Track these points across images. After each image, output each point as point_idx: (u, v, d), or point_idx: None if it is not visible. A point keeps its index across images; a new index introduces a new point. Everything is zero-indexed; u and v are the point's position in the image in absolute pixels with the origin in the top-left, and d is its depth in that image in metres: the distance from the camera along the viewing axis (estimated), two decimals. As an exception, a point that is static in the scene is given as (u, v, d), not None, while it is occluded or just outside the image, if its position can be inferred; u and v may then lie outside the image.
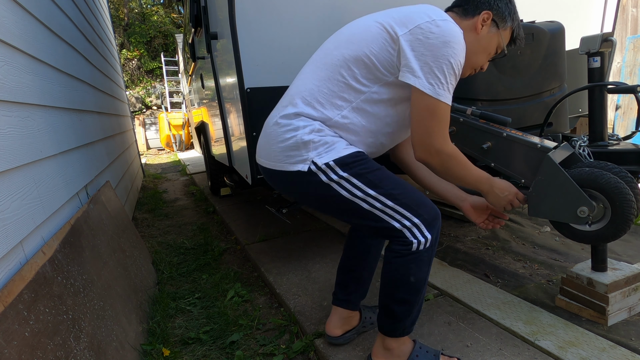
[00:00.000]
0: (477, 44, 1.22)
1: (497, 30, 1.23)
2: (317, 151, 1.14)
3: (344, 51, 1.15)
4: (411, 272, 1.15)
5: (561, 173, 1.27)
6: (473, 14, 1.21)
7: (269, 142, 1.24)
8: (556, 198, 1.29)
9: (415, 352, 1.30)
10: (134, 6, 13.72)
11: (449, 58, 1.06)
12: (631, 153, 1.39)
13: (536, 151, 1.35)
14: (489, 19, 1.21)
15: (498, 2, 1.21)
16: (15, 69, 1.48)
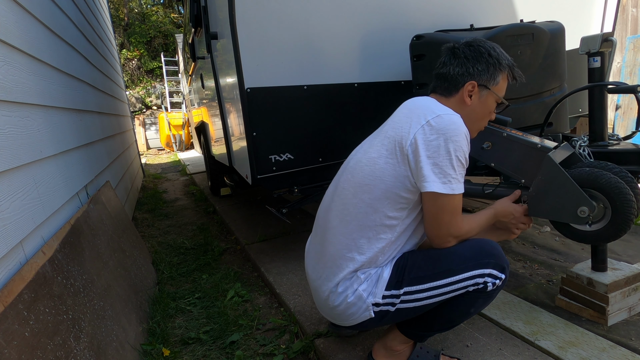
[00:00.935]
0: (472, 114, 1.22)
1: (488, 91, 1.20)
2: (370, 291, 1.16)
3: (363, 197, 1.16)
4: (476, 305, 1.16)
5: (561, 173, 1.27)
6: (456, 89, 1.20)
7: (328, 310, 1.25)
8: (556, 198, 1.29)
9: (415, 352, 1.31)
10: (134, 6, 13.72)
11: (454, 153, 1.07)
12: (631, 153, 1.39)
13: (536, 151, 1.35)
14: (475, 88, 1.19)
15: (477, 66, 1.18)
16: (15, 69, 1.48)
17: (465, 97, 1.20)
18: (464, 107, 1.21)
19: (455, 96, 1.21)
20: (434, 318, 1.20)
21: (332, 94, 1.98)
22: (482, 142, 1.47)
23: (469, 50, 1.21)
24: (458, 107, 1.20)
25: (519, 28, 1.73)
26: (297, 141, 1.95)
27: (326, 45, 1.94)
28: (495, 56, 1.19)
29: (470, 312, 1.17)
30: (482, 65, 1.18)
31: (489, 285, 1.12)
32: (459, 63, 1.20)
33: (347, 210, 1.19)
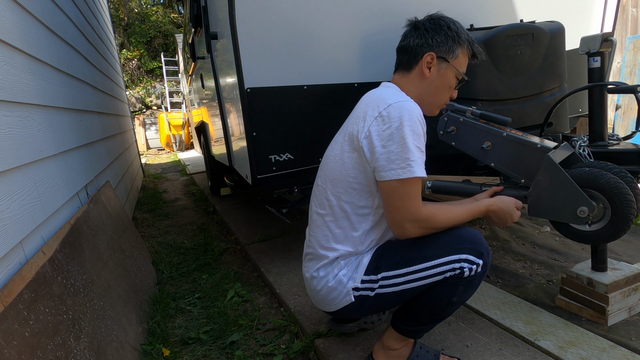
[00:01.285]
0: (431, 87, 1.23)
1: (447, 64, 1.21)
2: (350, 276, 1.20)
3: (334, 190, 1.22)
4: (457, 293, 1.15)
5: (561, 173, 1.27)
6: (416, 61, 1.22)
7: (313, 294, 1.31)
8: (556, 198, 1.29)
9: (415, 352, 1.31)
10: (134, 6, 13.72)
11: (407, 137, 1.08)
12: (631, 153, 1.39)
13: (536, 151, 1.35)
14: (434, 59, 1.20)
15: (435, 37, 1.20)
16: (15, 69, 1.48)
17: (424, 69, 1.21)
18: (423, 80, 1.22)
19: (415, 69, 1.23)
20: (420, 310, 1.21)
21: (332, 94, 1.98)
22: (482, 142, 1.47)
23: (429, 22, 1.23)
24: (418, 80, 1.23)
25: (519, 28, 1.73)
26: (297, 141, 1.95)
27: (326, 45, 1.94)
28: (455, 29, 1.21)
29: (453, 300, 1.16)
30: (441, 37, 1.19)
31: (466, 271, 1.12)
32: (419, 34, 1.22)
33: (322, 204, 1.26)
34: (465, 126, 1.51)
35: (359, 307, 1.21)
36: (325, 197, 1.25)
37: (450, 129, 1.53)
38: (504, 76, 1.75)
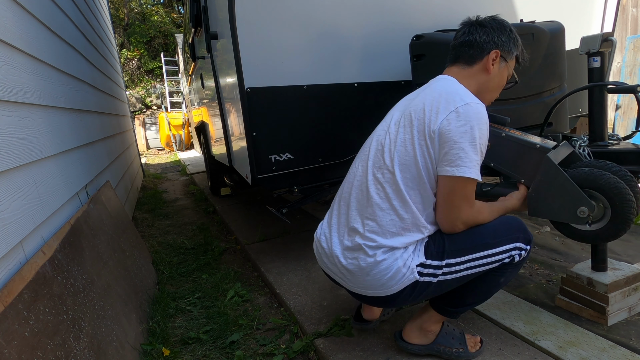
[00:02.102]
0: (491, 83, 1.28)
1: (505, 64, 1.28)
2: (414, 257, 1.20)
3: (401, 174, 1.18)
4: (505, 275, 1.24)
5: (561, 174, 1.27)
6: (481, 57, 1.25)
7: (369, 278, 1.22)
8: (556, 198, 1.29)
9: (444, 329, 1.39)
10: (134, 6, 13.71)
11: (479, 140, 1.12)
12: (631, 153, 1.39)
13: (535, 151, 1.35)
14: (498, 57, 1.25)
15: (501, 37, 1.25)
16: (15, 69, 1.48)
17: (489, 64, 1.25)
18: (485, 75, 1.26)
19: (478, 64, 1.26)
20: (468, 293, 1.27)
21: (332, 94, 1.98)
22: None
23: (494, 22, 1.29)
24: (480, 75, 1.26)
25: (519, 28, 1.72)
26: (297, 141, 1.95)
27: (326, 45, 1.94)
28: (515, 33, 1.29)
29: (500, 282, 1.25)
30: (505, 37, 1.26)
31: (516, 257, 1.22)
32: (486, 32, 1.26)
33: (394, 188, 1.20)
34: None
35: (420, 292, 1.22)
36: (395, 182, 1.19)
37: None
38: (504, 76, 1.74)
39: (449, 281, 1.21)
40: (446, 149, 1.12)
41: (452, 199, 1.16)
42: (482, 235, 1.21)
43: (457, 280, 1.21)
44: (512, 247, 1.21)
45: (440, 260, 1.19)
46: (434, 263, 1.19)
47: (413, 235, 1.20)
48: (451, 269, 1.20)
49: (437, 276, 1.20)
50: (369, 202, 1.22)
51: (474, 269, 1.20)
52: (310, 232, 2.79)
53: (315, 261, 2.28)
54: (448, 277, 1.20)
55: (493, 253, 1.19)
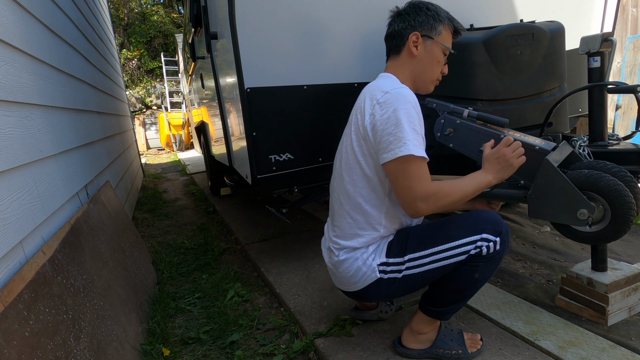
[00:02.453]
0: (421, 64, 1.32)
1: (432, 41, 1.30)
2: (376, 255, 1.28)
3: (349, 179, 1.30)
4: (479, 270, 1.22)
5: (560, 176, 1.27)
6: (403, 44, 1.32)
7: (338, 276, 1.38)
8: (556, 200, 1.29)
9: (441, 332, 1.39)
10: (134, 6, 13.71)
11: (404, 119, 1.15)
12: (631, 153, 1.39)
13: (535, 153, 1.35)
14: (419, 38, 1.29)
15: (417, 17, 1.30)
16: (15, 69, 1.48)
17: (412, 48, 1.30)
18: (413, 59, 1.31)
19: (404, 51, 1.32)
20: (446, 291, 1.28)
21: (332, 94, 1.98)
22: (479, 144, 1.47)
23: (409, 7, 1.34)
24: (408, 60, 1.32)
25: (519, 28, 1.73)
26: (297, 141, 1.95)
27: (326, 45, 1.94)
28: (433, 9, 1.31)
29: (475, 277, 1.22)
30: (422, 17, 1.30)
31: (484, 249, 1.19)
32: (402, 19, 1.33)
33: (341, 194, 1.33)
34: (462, 128, 1.51)
35: (387, 288, 1.27)
36: (344, 188, 1.31)
37: (448, 132, 1.53)
38: (504, 76, 1.75)
39: (415, 276, 1.23)
40: (378, 139, 1.18)
41: (400, 182, 1.17)
42: (446, 229, 1.23)
43: (424, 274, 1.23)
44: (477, 238, 1.19)
45: (402, 257, 1.24)
46: (396, 260, 1.25)
47: (370, 233, 1.28)
48: (414, 263, 1.23)
49: (400, 272, 1.24)
50: (333, 210, 1.39)
51: (439, 262, 1.21)
52: (310, 232, 2.79)
53: (316, 261, 2.28)
54: (413, 272, 1.23)
55: (456, 245, 1.20)
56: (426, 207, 1.17)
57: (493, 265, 1.22)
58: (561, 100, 1.62)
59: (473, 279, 1.23)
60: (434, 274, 1.23)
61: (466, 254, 1.20)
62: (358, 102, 1.32)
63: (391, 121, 1.15)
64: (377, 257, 1.27)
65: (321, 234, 1.55)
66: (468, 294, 1.28)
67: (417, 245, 1.24)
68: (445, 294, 1.28)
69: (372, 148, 1.22)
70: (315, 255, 2.37)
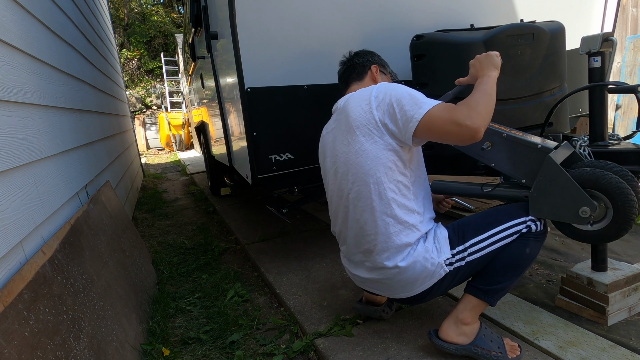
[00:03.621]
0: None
1: (385, 75, 1.57)
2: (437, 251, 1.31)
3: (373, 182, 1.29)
4: (529, 244, 1.30)
5: (562, 174, 1.27)
6: (365, 72, 1.54)
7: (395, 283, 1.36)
8: (558, 199, 1.29)
9: (482, 331, 1.36)
10: (134, 6, 13.71)
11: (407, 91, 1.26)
12: (631, 153, 1.39)
13: (537, 151, 1.35)
14: (377, 70, 1.54)
15: (373, 57, 1.57)
16: (15, 69, 1.48)
17: (375, 75, 1.52)
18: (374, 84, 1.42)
19: (367, 77, 1.53)
20: (498, 268, 1.31)
21: (332, 93, 1.98)
22: (481, 142, 1.47)
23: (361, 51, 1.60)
24: (370, 84, 1.46)
25: (519, 28, 1.73)
26: (297, 141, 1.95)
27: (327, 45, 1.94)
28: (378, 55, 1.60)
29: (526, 252, 1.29)
30: (376, 58, 1.58)
31: (533, 227, 1.30)
32: (359, 55, 1.57)
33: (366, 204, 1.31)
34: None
35: (451, 279, 1.32)
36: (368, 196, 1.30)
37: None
38: (504, 76, 1.74)
39: (476, 260, 1.30)
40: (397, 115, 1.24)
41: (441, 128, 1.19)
42: (492, 216, 1.34)
43: (484, 257, 1.30)
44: (526, 219, 1.30)
45: (464, 244, 1.31)
46: (459, 249, 1.31)
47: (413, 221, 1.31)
48: (475, 247, 1.30)
49: (464, 259, 1.30)
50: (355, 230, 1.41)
51: (496, 243, 1.29)
52: (310, 232, 2.79)
53: (316, 261, 2.28)
54: (474, 257, 1.30)
55: (508, 226, 1.30)
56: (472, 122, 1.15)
57: (539, 244, 1.32)
58: (562, 100, 1.62)
59: (525, 253, 1.29)
60: (491, 256, 1.31)
61: (518, 233, 1.29)
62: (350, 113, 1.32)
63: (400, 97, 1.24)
64: (441, 254, 1.30)
65: (321, 234, 1.55)
66: (519, 270, 1.32)
67: (474, 230, 1.32)
68: (497, 271, 1.31)
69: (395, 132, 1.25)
70: (315, 255, 2.37)
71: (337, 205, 1.43)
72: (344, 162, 1.34)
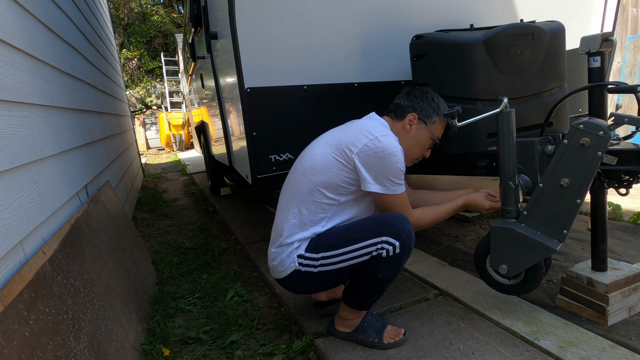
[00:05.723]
0: (409, 141, 1.49)
1: (425, 126, 1.50)
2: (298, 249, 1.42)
3: (311, 178, 1.42)
4: (380, 271, 1.34)
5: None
6: (402, 117, 1.50)
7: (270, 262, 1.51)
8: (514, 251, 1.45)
9: (365, 320, 1.50)
10: (134, 6, 13.71)
11: (394, 164, 1.35)
12: (631, 153, 1.39)
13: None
14: (415, 119, 1.49)
15: (421, 104, 1.50)
16: (15, 68, 1.48)
17: (406, 125, 1.49)
18: (405, 133, 1.49)
19: (401, 122, 1.51)
20: (356, 287, 1.42)
21: (332, 93, 1.98)
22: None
23: (419, 92, 1.53)
24: (401, 131, 1.49)
25: (519, 28, 1.73)
26: (297, 141, 1.95)
27: (326, 45, 1.94)
28: (437, 102, 1.51)
29: (378, 277, 1.35)
30: (425, 104, 1.50)
31: (383, 252, 1.31)
32: (409, 99, 1.52)
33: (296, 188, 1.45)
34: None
35: (304, 279, 1.42)
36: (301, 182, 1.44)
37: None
38: (504, 76, 1.75)
39: (328, 272, 1.38)
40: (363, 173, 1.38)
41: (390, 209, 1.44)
42: (353, 232, 1.37)
43: (336, 272, 1.38)
44: (378, 240, 1.31)
45: (317, 254, 1.39)
46: (312, 255, 1.39)
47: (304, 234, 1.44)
48: (326, 261, 1.37)
49: (316, 267, 1.39)
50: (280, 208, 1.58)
51: (346, 261, 1.35)
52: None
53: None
54: (326, 269, 1.38)
55: (360, 247, 1.33)
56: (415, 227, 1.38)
57: (394, 268, 1.34)
58: (561, 100, 1.62)
59: (376, 278, 1.35)
60: (345, 272, 1.38)
61: (369, 255, 1.33)
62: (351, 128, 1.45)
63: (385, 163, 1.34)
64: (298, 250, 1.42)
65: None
66: (374, 291, 1.40)
67: (328, 246, 1.38)
68: (355, 290, 1.43)
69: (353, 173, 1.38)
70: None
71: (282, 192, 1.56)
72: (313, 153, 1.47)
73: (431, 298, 1.77)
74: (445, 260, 2.17)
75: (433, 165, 1.96)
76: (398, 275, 1.40)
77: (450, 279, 1.90)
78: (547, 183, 1.36)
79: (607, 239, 1.54)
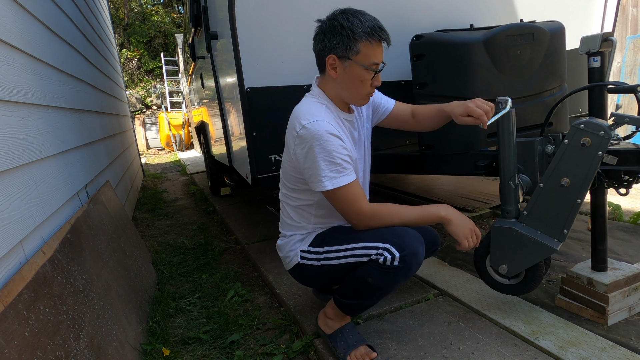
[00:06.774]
0: (344, 84, 1.30)
1: (351, 61, 1.24)
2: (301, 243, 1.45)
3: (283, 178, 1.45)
4: (372, 275, 1.28)
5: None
6: (324, 66, 1.29)
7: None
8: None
9: (344, 328, 1.46)
10: (134, 6, 13.71)
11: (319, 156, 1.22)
12: (631, 153, 1.39)
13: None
14: (336, 60, 1.26)
15: (331, 40, 1.24)
16: (15, 68, 1.48)
17: (330, 71, 1.28)
18: (334, 80, 1.30)
19: (325, 73, 1.31)
20: (347, 285, 1.38)
21: (332, 93, 1.98)
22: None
23: (326, 26, 1.26)
24: (331, 80, 1.31)
25: (519, 28, 1.73)
26: (297, 141, 1.95)
27: (326, 45, 1.94)
28: (348, 27, 1.21)
29: (368, 281, 1.28)
30: (336, 39, 1.23)
31: (381, 258, 1.24)
32: (319, 39, 1.28)
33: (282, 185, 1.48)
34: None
35: (308, 273, 1.43)
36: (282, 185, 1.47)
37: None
38: (504, 76, 1.75)
39: (329, 266, 1.37)
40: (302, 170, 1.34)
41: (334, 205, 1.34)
42: (361, 232, 1.33)
43: (337, 267, 1.35)
44: (380, 245, 1.24)
45: (321, 247, 1.39)
46: (317, 249, 1.40)
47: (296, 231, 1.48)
48: (330, 254, 1.36)
49: (319, 260, 1.38)
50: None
51: (347, 258, 1.33)
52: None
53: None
54: (329, 263, 1.37)
55: (362, 246, 1.29)
56: (361, 224, 1.32)
57: (385, 279, 1.26)
58: (561, 100, 1.62)
59: (365, 281, 1.29)
60: (346, 268, 1.34)
61: (367, 257, 1.28)
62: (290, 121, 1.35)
63: (309, 158, 1.24)
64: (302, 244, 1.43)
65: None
66: (361, 296, 1.34)
67: (334, 240, 1.37)
68: (345, 287, 1.39)
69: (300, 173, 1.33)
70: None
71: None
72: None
73: (431, 298, 1.77)
74: (445, 260, 2.17)
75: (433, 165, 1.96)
76: (388, 291, 1.33)
77: (450, 279, 1.90)
78: (548, 183, 1.36)
79: (607, 239, 1.54)
